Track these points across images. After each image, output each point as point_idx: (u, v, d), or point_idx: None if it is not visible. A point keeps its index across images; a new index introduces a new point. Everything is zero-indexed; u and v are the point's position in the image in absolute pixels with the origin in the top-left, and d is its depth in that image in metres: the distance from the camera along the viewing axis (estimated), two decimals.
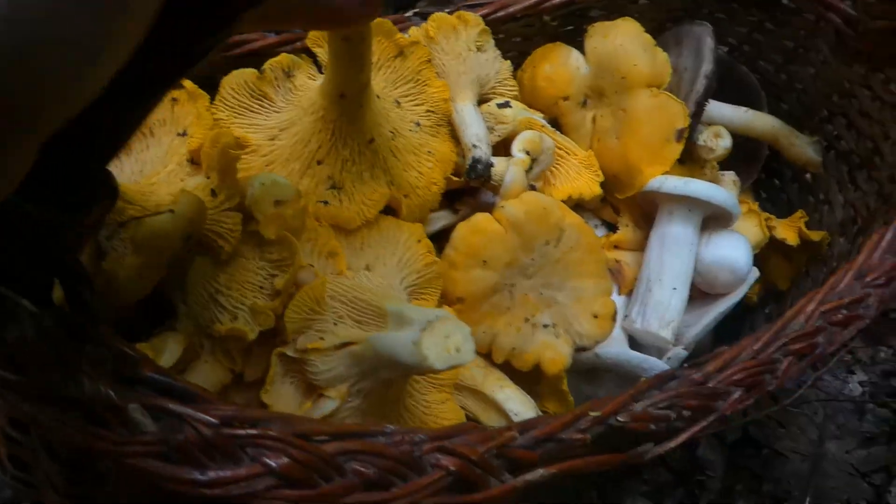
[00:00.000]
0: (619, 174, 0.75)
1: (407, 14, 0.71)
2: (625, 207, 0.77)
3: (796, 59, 0.85)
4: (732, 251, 0.73)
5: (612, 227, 0.79)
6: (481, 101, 0.72)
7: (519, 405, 0.61)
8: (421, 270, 0.60)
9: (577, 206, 0.79)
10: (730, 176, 0.79)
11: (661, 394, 0.57)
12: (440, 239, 0.66)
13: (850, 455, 0.86)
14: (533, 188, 0.70)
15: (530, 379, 0.66)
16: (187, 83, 0.56)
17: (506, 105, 0.70)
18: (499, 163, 0.67)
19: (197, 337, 0.52)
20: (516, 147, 0.67)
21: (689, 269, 0.72)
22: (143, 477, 0.38)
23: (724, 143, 0.74)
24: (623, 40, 0.74)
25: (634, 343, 0.74)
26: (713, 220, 0.74)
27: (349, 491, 0.42)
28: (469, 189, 0.70)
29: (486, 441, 0.48)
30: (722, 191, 0.70)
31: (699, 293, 0.76)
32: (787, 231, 0.82)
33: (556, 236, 0.65)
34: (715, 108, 0.81)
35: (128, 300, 0.48)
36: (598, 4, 0.77)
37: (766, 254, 0.85)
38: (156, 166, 0.55)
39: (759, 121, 0.82)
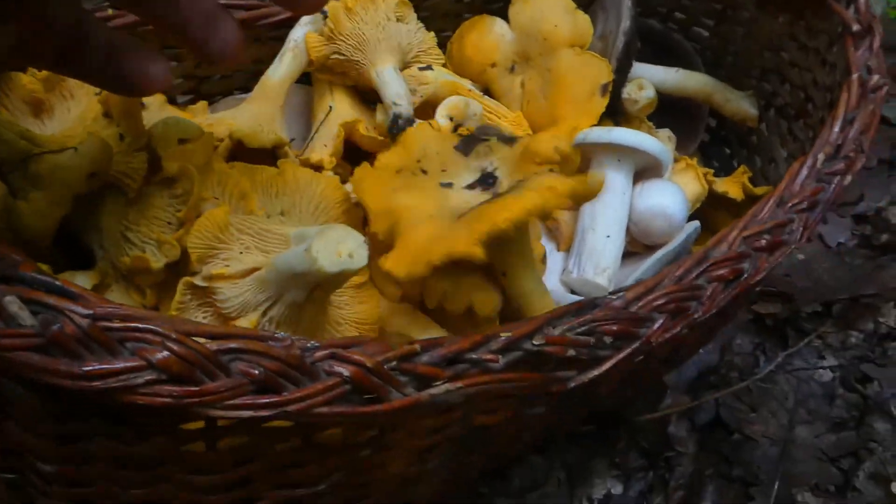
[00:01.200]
0: None
1: None
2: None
3: (726, 20, 0.87)
4: (665, 198, 0.73)
5: None
6: (405, 68, 0.74)
7: None
8: (339, 217, 0.61)
9: None
10: (664, 132, 0.81)
11: (580, 318, 0.57)
12: None
13: (820, 440, 0.85)
14: None
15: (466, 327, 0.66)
16: None
17: (427, 68, 0.73)
18: None
19: (112, 277, 0.54)
20: (440, 113, 0.69)
21: (622, 217, 0.73)
22: (23, 372, 0.39)
23: (646, 93, 0.76)
24: (543, 4, 0.77)
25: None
26: (646, 171, 0.75)
27: (237, 392, 0.43)
28: None
29: (384, 352, 0.48)
30: (647, 137, 0.71)
31: (639, 248, 0.77)
32: (730, 186, 0.83)
33: None
34: (645, 70, 0.82)
35: (34, 236, 0.50)
36: None
37: (715, 214, 0.85)
38: (75, 124, 0.58)
39: (691, 79, 0.83)
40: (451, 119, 0.69)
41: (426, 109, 0.72)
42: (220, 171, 0.56)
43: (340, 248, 0.47)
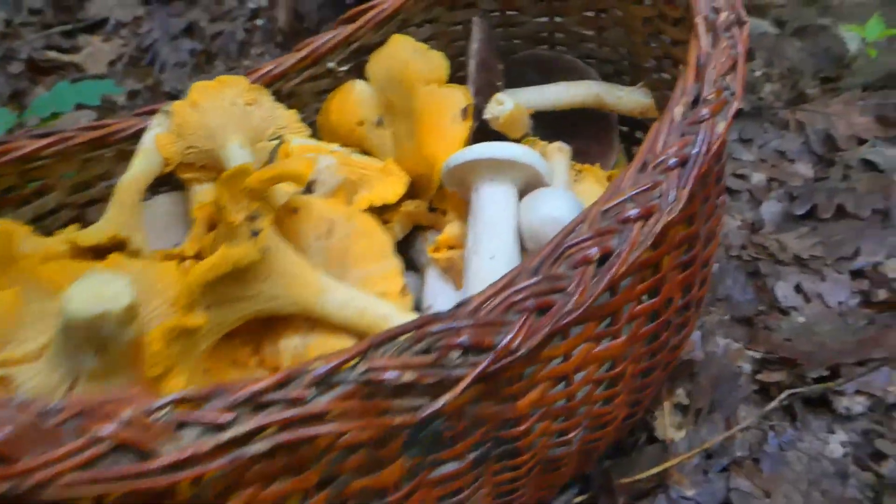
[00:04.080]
0: (422, 173, 0.72)
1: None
2: (450, 207, 0.74)
3: (604, 25, 0.83)
4: (551, 205, 0.66)
5: None
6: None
7: None
8: (170, 299, 0.58)
9: (416, 227, 0.76)
10: (555, 145, 0.75)
11: (415, 335, 0.50)
12: None
13: None
14: None
15: None
16: None
17: (277, 138, 0.72)
18: None
19: None
20: None
21: (507, 235, 0.66)
22: None
23: (504, 107, 0.71)
24: (392, 51, 0.75)
25: None
26: (531, 184, 0.69)
27: None
28: None
29: (151, 400, 0.43)
30: (505, 145, 0.66)
31: None
32: None
33: (325, 228, 0.62)
34: (528, 93, 0.79)
35: None
36: (373, 38, 0.80)
37: None
38: None
39: (577, 87, 0.78)
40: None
41: None
42: (29, 269, 0.54)
43: (103, 291, 0.44)
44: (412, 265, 0.78)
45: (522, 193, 0.69)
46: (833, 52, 1.19)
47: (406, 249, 0.77)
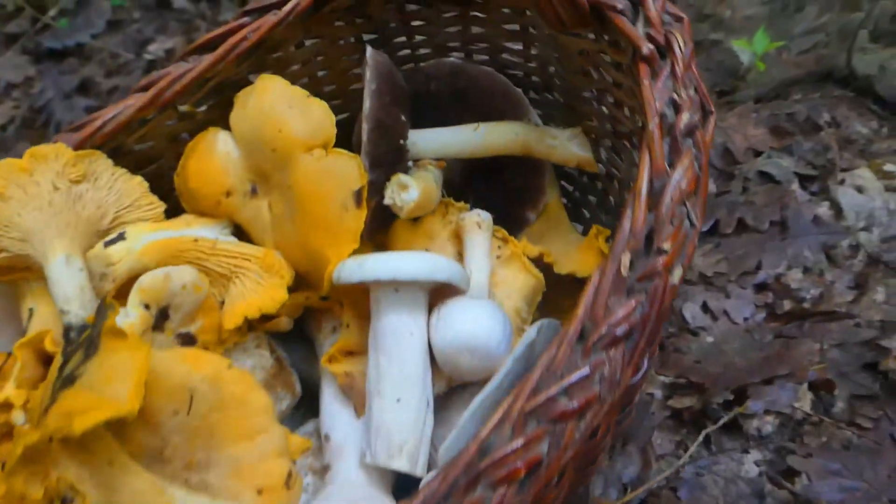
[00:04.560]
0: (307, 268, 0.58)
1: None
2: (347, 303, 0.60)
3: (531, 40, 0.66)
4: (467, 324, 0.54)
5: None
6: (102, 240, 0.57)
7: None
8: None
9: (307, 310, 0.63)
10: (472, 217, 0.60)
11: None
12: None
13: None
14: (189, 338, 0.55)
15: None
16: None
17: (117, 239, 0.55)
18: None
19: None
20: (130, 304, 0.52)
21: (415, 368, 0.54)
22: None
23: (409, 194, 0.56)
24: (261, 103, 0.58)
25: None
26: (444, 291, 0.56)
27: None
28: None
29: None
30: (408, 261, 0.52)
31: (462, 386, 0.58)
32: (580, 259, 0.62)
33: (183, 399, 0.49)
34: (434, 137, 0.63)
35: None
36: (236, 73, 0.61)
37: (564, 302, 0.64)
38: None
39: (498, 134, 0.63)
40: (148, 307, 0.52)
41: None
42: None
43: None
44: (310, 344, 0.66)
45: (435, 296, 0.56)
46: (727, 65, 1.17)
47: (300, 327, 0.64)
